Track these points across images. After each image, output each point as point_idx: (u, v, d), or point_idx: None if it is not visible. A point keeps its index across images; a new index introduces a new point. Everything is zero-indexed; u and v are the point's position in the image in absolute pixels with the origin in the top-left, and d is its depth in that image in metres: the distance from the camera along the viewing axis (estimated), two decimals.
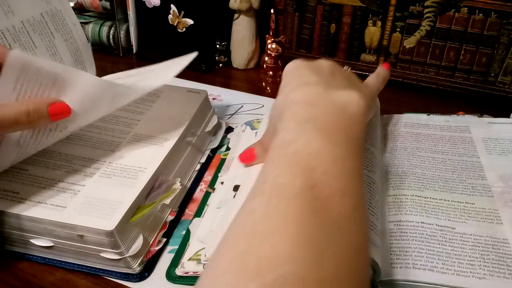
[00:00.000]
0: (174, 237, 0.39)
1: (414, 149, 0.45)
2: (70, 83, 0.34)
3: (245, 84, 0.67)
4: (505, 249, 0.34)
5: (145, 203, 0.37)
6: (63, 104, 0.34)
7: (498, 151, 0.44)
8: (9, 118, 0.32)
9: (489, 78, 0.60)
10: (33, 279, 0.35)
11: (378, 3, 0.61)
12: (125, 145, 0.42)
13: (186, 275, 0.35)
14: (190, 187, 0.44)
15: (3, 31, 0.42)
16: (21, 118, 0.32)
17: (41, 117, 0.33)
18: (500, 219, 0.36)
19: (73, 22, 0.51)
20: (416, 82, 0.64)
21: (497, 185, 0.40)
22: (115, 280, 0.35)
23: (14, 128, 0.33)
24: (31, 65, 0.32)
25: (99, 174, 0.38)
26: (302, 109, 0.29)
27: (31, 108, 0.33)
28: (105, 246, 0.34)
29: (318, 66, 0.36)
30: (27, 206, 0.35)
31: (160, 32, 0.71)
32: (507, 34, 0.57)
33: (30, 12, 0.45)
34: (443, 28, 0.59)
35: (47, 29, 0.47)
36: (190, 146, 0.45)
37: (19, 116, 0.32)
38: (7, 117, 0.32)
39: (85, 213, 0.34)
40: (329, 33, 0.66)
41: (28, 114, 0.32)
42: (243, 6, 0.66)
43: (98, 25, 0.74)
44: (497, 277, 0.31)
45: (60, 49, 0.49)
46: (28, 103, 0.33)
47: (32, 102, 0.33)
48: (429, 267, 0.32)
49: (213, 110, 0.51)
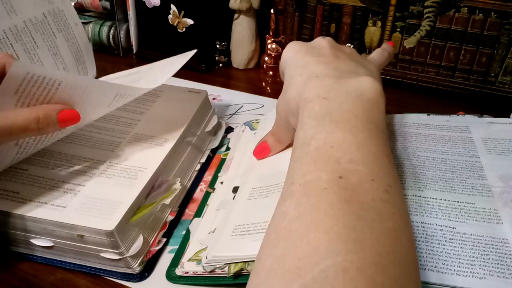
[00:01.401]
0: (174, 237, 0.39)
1: (414, 149, 0.45)
2: (72, 89, 0.34)
3: (245, 84, 0.67)
4: (505, 249, 0.34)
5: (145, 203, 0.37)
6: (73, 111, 0.34)
7: (498, 151, 0.44)
8: (19, 124, 0.32)
9: (489, 78, 0.60)
10: (33, 279, 0.35)
11: (378, 3, 0.61)
12: (125, 145, 0.42)
13: (186, 275, 0.34)
14: (190, 187, 0.44)
15: (5, 31, 0.42)
16: (31, 124, 0.32)
17: (51, 124, 0.33)
18: (500, 219, 0.36)
19: (75, 22, 0.51)
20: (416, 82, 0.64)
21: (497, 185, 0.40)
22: (115, 280, 0.35)
23: (23, 134, 0.33)
24: (34, 74, 0.31)
25: (99, 174, 0.38)
26: (317, 105, 0.29)
27: (40, 114, 0.33)
28: (105, 246, 0.34)
29: (318, 49, 0.36)
30: (27, 206, 0.35)
31: (160, 32, 0.71)
32: (507, 34, 0.57)
33: (32, 12, 0.45)
34: (443, 28, 0.59)
35: (49, 29, 0.47)
36: (190, 146, 0.45)
37: (28, 122, 0.32)
38: (16, 123, 0.31)
39: (85, 213, 0.34)
40: (329, 33, 0.66)
41: (38, 120, 0.32)
42: (243, 6, 0.66)
43: (98, 25, 0.74)
44: (497, 277, 0.31)
45: (62, 49, 0.49)
46: (37, 110, 0.33)
47: (41, 109, 0.33)
48: (429, 267, 0.32)
49: (213, 110, 0.51)
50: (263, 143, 0.40)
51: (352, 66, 0.33)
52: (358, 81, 0.30)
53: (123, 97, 0.38)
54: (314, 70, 0.33)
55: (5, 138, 0.32)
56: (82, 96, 0.35)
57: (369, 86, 0.30)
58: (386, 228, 0.22)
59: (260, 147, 0.40)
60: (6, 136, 0.31)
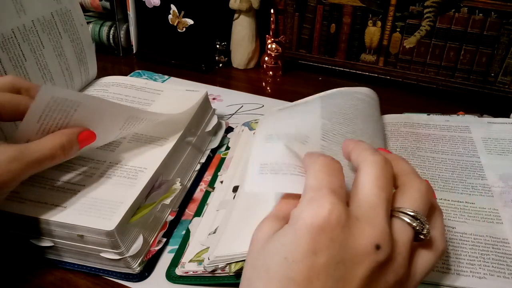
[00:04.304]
0: (174, 237, 0.39)
1: (414, 149, 0.45)
2: (89, 110, 0.34)
3: (245, 84, 0.67)
4: (505, 249, 0.34)
5: (145, 203, 0.37)
6: (89, 131, 0.35)
7: (498, 151, 0.44)
8: (47, 155, 0.32)
9: (489, 78, 0.60)
10: (33, 279, 0.35)
11: (378, 3, 0.61)
12: (125, 145, 0.42)
13: (186, 275, 0.35)
14: (190, 187, 0.44)
15: (13, 30, 0.42)
16: (57, 152, 0.32)
17: (74, 148, 0.34)
18: (500, 219, 0.36)
19: (81, 22, 0.51)
20: (416, 82, 0.64)
21: (497, 185, 0.40)
22: (115, 280, 0.35)
23: (52, 163, 0.32)
24: (58, 97, 0.31)
25: (99, 174, 0.38)
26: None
27: (64, 140, 0.33)
28: (105, 246, 0.34)
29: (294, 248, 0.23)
30: (27, 206, 0.35)
31: (160, 32, 0.71)
32: (507, 34, 0.57)
33: (41, 11, 0.45)
34: (443, 28, 0.59)
35: (55, 29, 0.47)
36: (190, 146, 0.45)
37: (55, 151, 0.32)
38: (45, 155, 0.31)
39: (85, 213, 0.34)
40: (329, 33, 0.66)
41: (63, 147, 0.33)
42: (243, 6, 0.66)
43: (98, 25, 0.74)
44: (497, 276, 0.32)
45: (66, 49, 0.49)
46: (61, 136, 0.33)
47: (64, 134, 0.33)
48: None
49: (213, 110, 0.51)
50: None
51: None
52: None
53: (134, 120, 0.38)
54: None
55: (35, 170, 0.31)
56: (97, 117, 0.35)
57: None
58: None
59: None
60: (35, 168, 0.31)
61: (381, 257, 0.23)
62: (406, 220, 0.25)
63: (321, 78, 0.69)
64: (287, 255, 0.22)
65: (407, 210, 0.25)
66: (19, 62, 0.43)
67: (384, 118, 0.51)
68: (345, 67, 0.68)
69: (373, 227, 0.23)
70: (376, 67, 0.66)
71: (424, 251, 0.26)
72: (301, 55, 0.70)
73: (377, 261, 0.23)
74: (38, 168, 0.32)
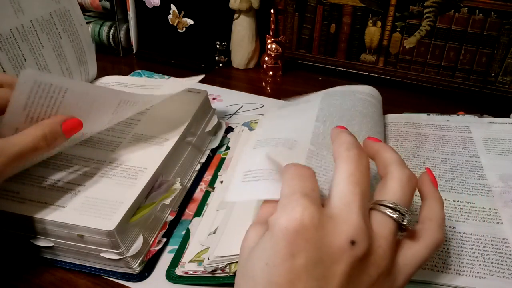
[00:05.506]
0: (174, 237, 0.39)
1: (414, 149, 0.45)
2: (78, 96, 0.34)
3: (245, 84, 0.67)
4: (505, 248, 0.34)
5: (145, 203, 0.37)
6: (75, 119, 0.34)
7: (498, 151, 0.44)
8: (28, 147, 0.31)
9: (489, 78, 0.60)
10: (33, 279, 0.35)
11: (378, 3, 0.61)
12: (125, 145, 0.42)
13: (186, 275, 0.35)
14: (190, 187, 0.44)
15: (12, 30, 0.42)
16: (40, 143, 0.31)
17: (58, 137, 0.33)
18: (500, 219, 0.36)
19: (80, 22, 0.51)
20: (416, 82, 0.64)
21: (497, 185, 0.40)
22: (115, 280, 0.35)
23: (34, 155, 0.32)
24: (42, 82, 0.31)
25: (99, 174, 0.38)
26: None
27: (46, 131, 0.32)
28: (105, 246, 0.34)
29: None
30: (27, 206, 0.35)
31: (160, 32, 0.71)
32: (507, 34, 0.57)
33: (39, 12, 0.45)
34: (443, 28, 0.59)
35: (54, 29, 0.47)
36: (190, 146, 0.45)
37: (37, 142, 0.31)
38: (26, 146, 0.31)
39: (85, 213, 0.34)
40: (329, 33, 0.66)
41: (46, 137, 0.32)
42: (243, 6, 0.66)
43: (98, 25, 0.74)
44: (497, 276, 0.32)
45: (66, 49, 0.49)
46: (42, 127, 0.32)
47: (46, 125, 0.32)
48: (429, 266, 0.32)
49: (213, 110, 0.51)
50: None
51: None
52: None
53: (127, 104, 0.38)
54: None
55: (18, 163, 0.31)
56: (87, 103, 0.35)
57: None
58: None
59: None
60: (18, 161, 0.31)
61: (358, 252, 0.23)
62: (386, 212, 0.25)
63: (321, 78, 0.69)
64: (268, 260, 0.23)
65: (387, 202, 0.26)
66: (19, 62, 0.43)
67: (384, 118, 0.51)
68: (345, 67, 0.68)
69: (347, 223, 0.24)
70: (376, 67, 0.66)
71: (411, 242, 0.26)
72: (301, 55, 0.70)
73: (354, 256, 0.23)
74: (21, 161, 0.31)
